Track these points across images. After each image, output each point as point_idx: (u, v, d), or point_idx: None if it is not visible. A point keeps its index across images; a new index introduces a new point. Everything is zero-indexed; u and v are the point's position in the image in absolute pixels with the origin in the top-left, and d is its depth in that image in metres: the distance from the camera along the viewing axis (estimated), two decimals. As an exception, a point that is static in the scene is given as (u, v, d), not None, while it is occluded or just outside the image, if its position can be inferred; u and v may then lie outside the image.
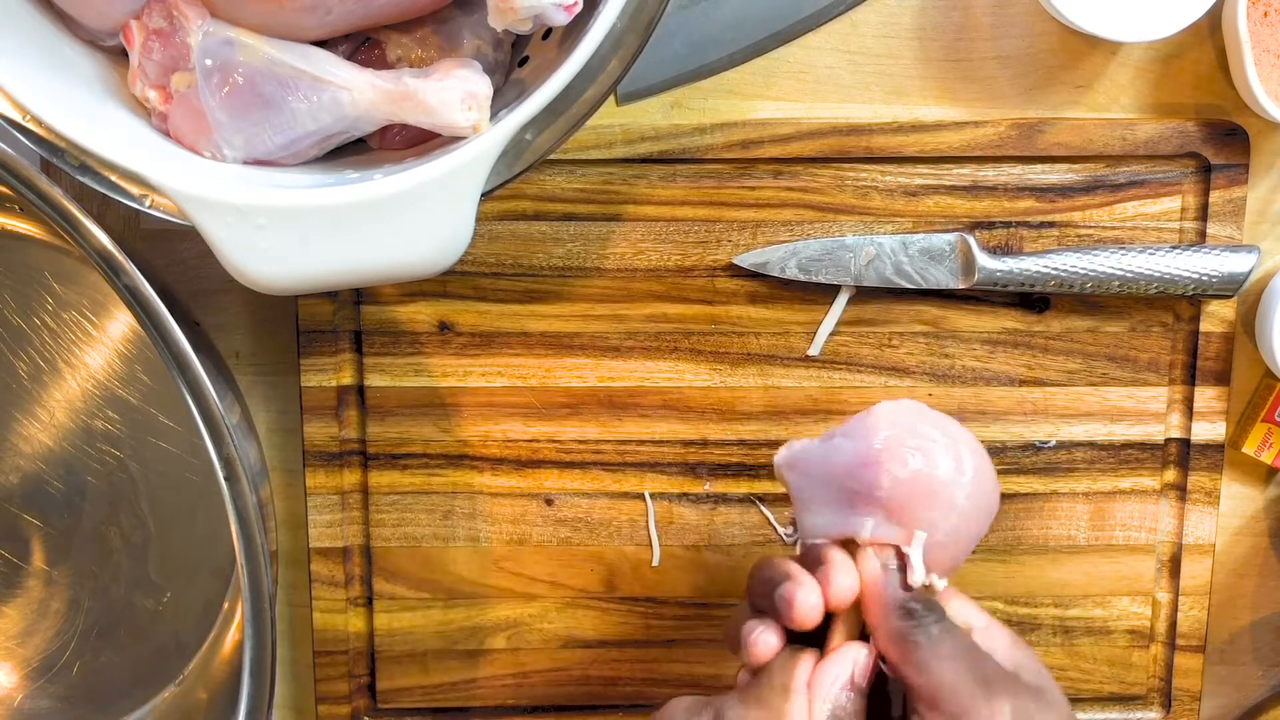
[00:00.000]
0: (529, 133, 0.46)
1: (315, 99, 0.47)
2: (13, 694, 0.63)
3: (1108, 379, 0.61)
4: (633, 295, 0.61)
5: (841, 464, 0.46)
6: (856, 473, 0.45)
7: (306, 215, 0.45)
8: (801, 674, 0.44)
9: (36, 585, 0.63)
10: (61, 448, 0.62)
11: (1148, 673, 0.63)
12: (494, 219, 0.60)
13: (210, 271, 0.59)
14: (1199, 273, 0.58)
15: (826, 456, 0.46)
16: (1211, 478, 0.62)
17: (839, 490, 0.45)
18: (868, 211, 0.60)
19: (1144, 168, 0.60)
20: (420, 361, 0.61)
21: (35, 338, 0.61)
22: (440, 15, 0.50)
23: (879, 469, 0.45)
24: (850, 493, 0.45)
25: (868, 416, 0.47)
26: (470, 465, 0.62)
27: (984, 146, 0.59)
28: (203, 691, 0.62)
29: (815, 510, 0.46)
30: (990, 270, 0.59)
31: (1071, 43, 0.60)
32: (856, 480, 0.45)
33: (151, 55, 0.48)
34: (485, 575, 0.63)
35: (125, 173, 0.45)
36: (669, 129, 0.59)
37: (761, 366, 0.61)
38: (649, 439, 0.62)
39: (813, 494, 0.46)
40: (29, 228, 0.61)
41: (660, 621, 0.63)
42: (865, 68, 0.60)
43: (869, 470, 0.45)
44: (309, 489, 0.61)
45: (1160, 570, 0.63)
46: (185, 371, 0.47)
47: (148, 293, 0.46)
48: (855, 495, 0.45)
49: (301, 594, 0.63)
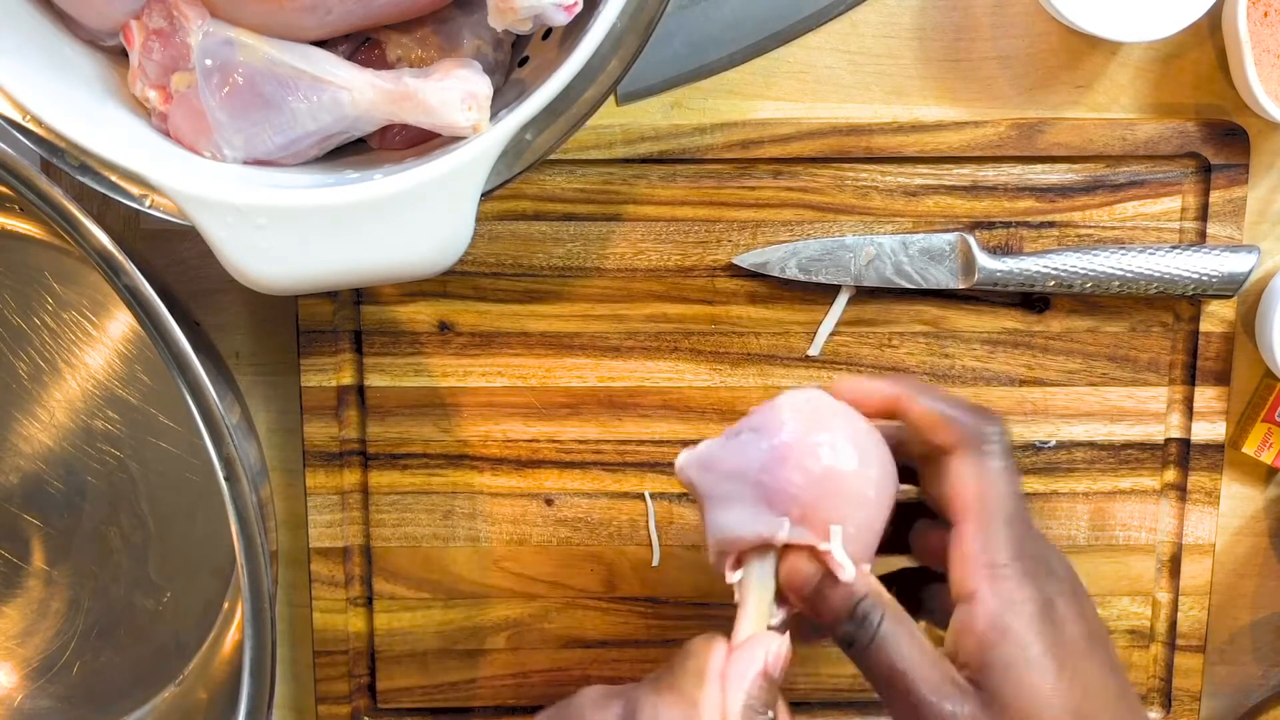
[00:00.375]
0: (529, 133, 0.46)
1: (315, 99, 0.47)
2: (13, 694, 0.63)
3: (1108, 379, 0.61)
4: (633, 295, 0.61)
5: (753, 459, 0.45)
6: (769, 468, 0.44)
7: (306, 215, 0.45)
8: (716, 661, 0.44)
9: (36, 585, 0.63)
10: (61, 448, 0.62)
11: (1148, 673, 0.63)
12: (494, 219, 0.60)
13: (210, 271, 0.59)
14: (1199, 273, 0.58)
15: (738, 452, 0.46)
16: (1211, 478, 0.62)
17: (752, 486, 0.45)
18: (868, 211, 0.60)
19: (1144, 168, 0.60)
20: (420, 361, 0.61)
21: (35, 338, 0.61)
22: (440, 15, 0.50)
23: (789, 465, 0.44)
24: (763, 488, 0.44)
25: (772, 409, 0.46)
26: (470, 465, 0.62)
27: (984, 146, 0.59)
28: (203, 691, 0.62)
29: (726, 508, 0.45)
30: (990, 270, 0.59)
31: (1071, 43, 0.60)
32: (769, 475, 0.44)
33: (151, 55, 0.48)
34: (485, 575, 0.63)
35: (125, 173, 0.45)
36: (669, 129, 0.59)
37: (761, 366, 0.61)
38: (649, 439, 0.62)
39: (724, 491, 0.46)
40: (29, 228, 0.61)
41: (660, 621, 0.63)
42: (865, 68, 0.60)
43: (781, 466, 0.44)
44: (309, 489, 0.61)
45: (1160, 570, 0.63)
46: (185, 371, 0.47)
47: (148, 293, 0.46)
48: (769, 491, 0.44)
49: (301, 594, 0.63)
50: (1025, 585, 0.43)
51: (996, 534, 0.44)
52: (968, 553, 0.44)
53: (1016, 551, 0.44)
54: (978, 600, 0.43)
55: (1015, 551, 0.44)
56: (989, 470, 0.45)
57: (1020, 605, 0.43)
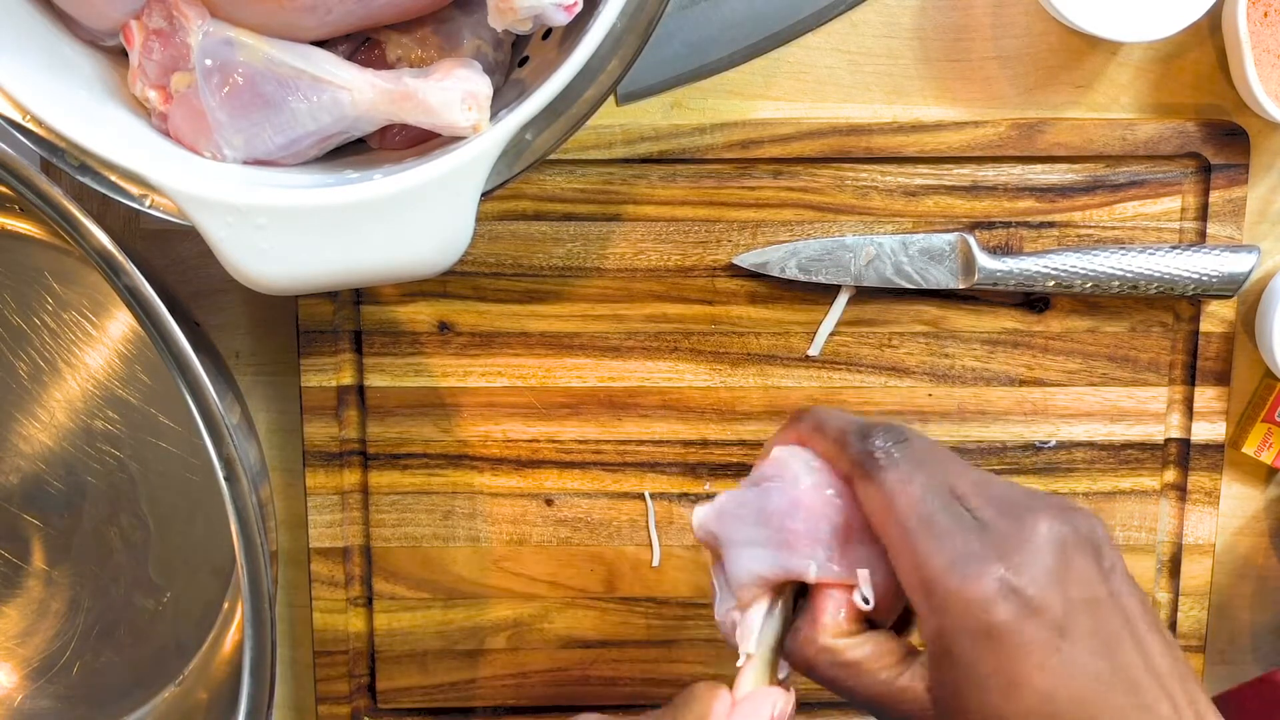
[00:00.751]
0: (529, 133, 0.46)
1: (315, 99, 0.47)
2: (13, 694, 0.63)
3: (1108, 379, 0.61)
4: (633, 295, 0.61)
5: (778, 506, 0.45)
6: (792, 513, 0.45)
7: (306, 215, 0.45)
8: (719, 711, 0.43)
9: (36, 585, 0.63)
10: (61, 448, 0.62)
11: (1148, 673, 0.63)
12: (494, 219, 0.60)
13: (210, 271, 0.59)
14: (1199, 273, 0.58)
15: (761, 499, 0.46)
16: (1211, 478, 0.62)
17: (776, 530, 0.45)
18: (868, 211, 0.60)
19: (1144, 168, 0.60)
20: (420, 361, 0.61)
21: (35, 338, 0.61)
22: (440, 15, 0.50)
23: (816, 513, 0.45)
24: (787, 532, 0.45)
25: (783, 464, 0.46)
26: (470, 465, 0.62)
27: (984, 146, 0.59)
28: (203, 691, 0.62)
29: (751, 552, 0.46)
30: (990, 270, 0.59)
31: (1071, 43, 0.60)
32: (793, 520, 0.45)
33: (151, 55, 0.48)
34: (485, 575, 0.63)
35: (125, 173, 0.45)
36: (669, 129, 0.59)
37: (761, 366, 0.61)
38: (649, 439, 0.62)
39: (746, 536, 0.46)
40: (29, 228, 0.61)
41: (660, 621, 0.63)
42: (865, 68, 0.60)
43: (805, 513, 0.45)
44: (309, 489, 0.61)
45: (1160, 570, 0.63)
46: (185, 371, 0.47)
47: (148, 293, 0.46)
48: (794, 535, 0.45)
49: (301, 594, 0.63)
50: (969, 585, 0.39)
51: (919, 546, 0.41)
52: (902, 575, 0.42)
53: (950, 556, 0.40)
54: (919, 620, 0.41)
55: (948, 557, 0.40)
56: (885, 485, 0.42)
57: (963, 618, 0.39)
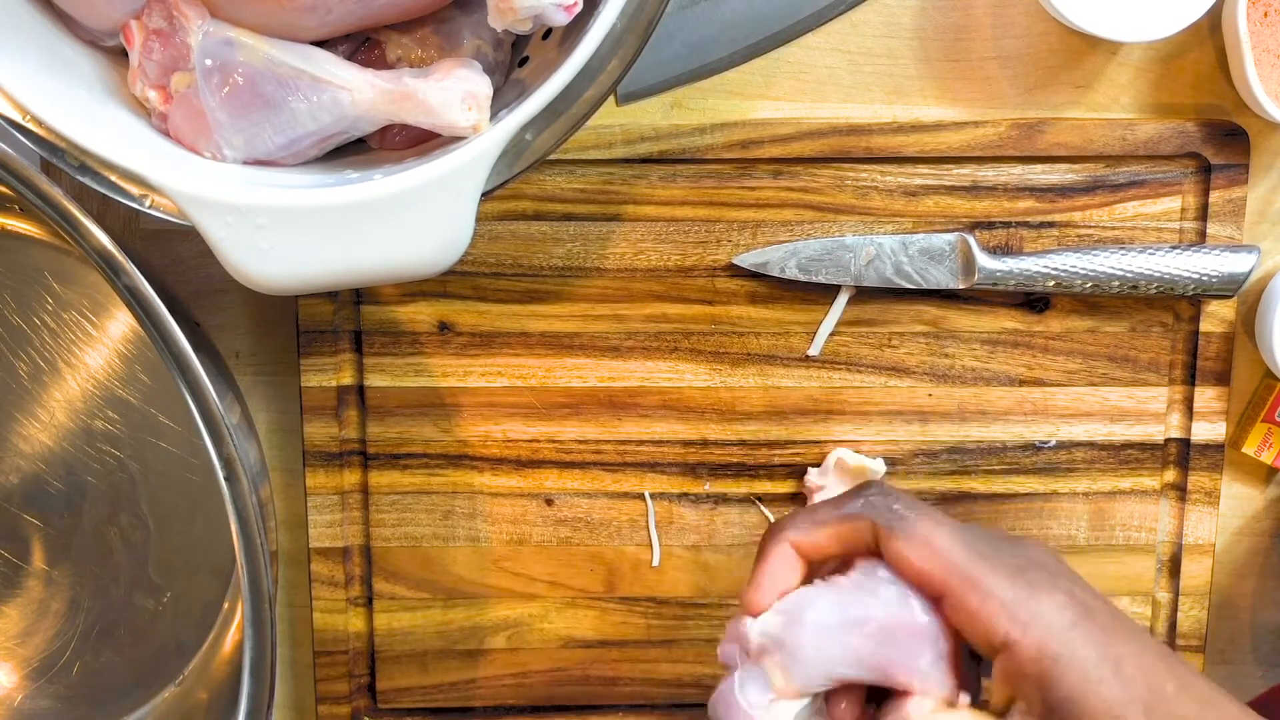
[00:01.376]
0: (529, 133, 0.46)
1: (315, 99, 0.47)
2: (13, 694, 0.63)
3: (1108, 379, 0.61)
4: (633, 295, 0.61)
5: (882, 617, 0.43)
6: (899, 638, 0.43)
7: (306, 215, 0.44)
8: None
9: (36, 585, 0.63)
10: (61, 448, 0.62)
11: (1148, 673, 0.63)
12: (494, 219, 0.60)
13: (210, 271, 0.59)
14: (1199, 273, 0.58)
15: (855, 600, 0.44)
16: (1211, 478, 0.62)
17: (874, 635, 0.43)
18: (868, 211, 0.60)
19: (1144, 168, 0.60)
20: (420, 361, 0.61)
21: (35, 338, 0.61)
22: (440, 15, 0.50)
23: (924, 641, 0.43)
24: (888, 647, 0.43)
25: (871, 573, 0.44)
26: (470, 465, 0.62)
27: (984, 146, 0.59)
28: (203, 691, 0.62)
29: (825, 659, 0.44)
30: (990, 270, 0.59)
31: (1071, 43, 0.60)
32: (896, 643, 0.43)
33: (151, 55, 0.48)
34: (485, 575, 0.63)
35: (125, 173, 0.45)
36: (669, 129, 0.59)
37: (761, 366, 0.61)
38: (649, 439, 0.62)
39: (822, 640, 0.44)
40: (29, 228, 0.61)
41: (660, 621, 0.63)
42: (865, 68, 0.60)
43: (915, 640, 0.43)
44: (309, 489, 0.61)
45: (1160, 570, 0.63)
46: (185, 371, 0.47)
47: (148, 293, 0.46)
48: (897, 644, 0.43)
49: (301, 594, 0.63)
50: (1040, 596, 0.41)
51: (978, 577, 0.42)
52: (973, 611, 0.41)
53: (1008, 573, 0.41)
54: (1011, 642, 0.41)
55: (1007, 574, 0.41)
56: (920, 532, 0.43)
57: (1050, 616, 0.41)
